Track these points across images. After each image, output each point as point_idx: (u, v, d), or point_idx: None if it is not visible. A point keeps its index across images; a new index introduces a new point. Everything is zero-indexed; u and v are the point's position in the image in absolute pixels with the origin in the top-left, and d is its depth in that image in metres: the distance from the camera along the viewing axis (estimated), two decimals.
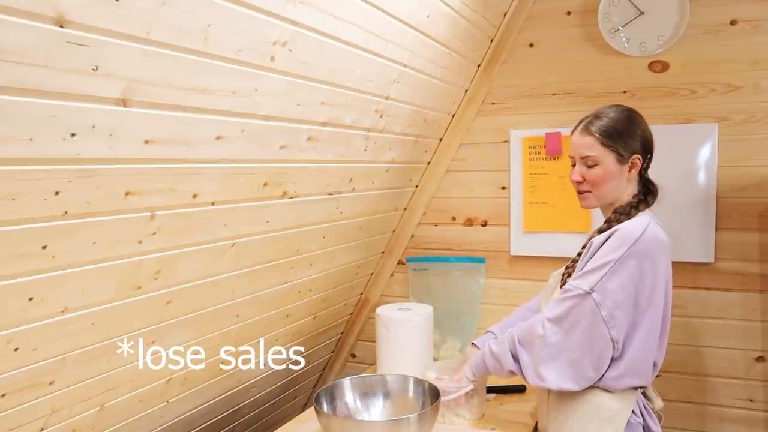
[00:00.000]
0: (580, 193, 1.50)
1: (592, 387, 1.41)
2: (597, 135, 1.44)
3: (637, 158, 1.45)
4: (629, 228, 1.38)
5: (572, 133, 1.51)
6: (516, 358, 1.46)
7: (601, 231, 1.47)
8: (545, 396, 1.52)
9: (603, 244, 1.40)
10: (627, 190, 1.47)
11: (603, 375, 1.39)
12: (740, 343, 1.99)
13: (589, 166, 1.45)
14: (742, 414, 2.01)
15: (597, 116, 1.47)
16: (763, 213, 1.94)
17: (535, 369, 1.42)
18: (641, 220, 1.42)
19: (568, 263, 1.55)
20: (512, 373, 1.48)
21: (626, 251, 1.35)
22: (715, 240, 1.97)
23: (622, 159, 1.44)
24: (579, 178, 1.47)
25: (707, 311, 2.02)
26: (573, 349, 1.37)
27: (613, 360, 1.38)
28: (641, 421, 1.43)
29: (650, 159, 1.49)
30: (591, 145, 1.45)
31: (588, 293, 1.36)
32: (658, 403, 1.50)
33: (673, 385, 2.07)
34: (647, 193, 1.49)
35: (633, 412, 1.42)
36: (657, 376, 1.49)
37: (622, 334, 1.36)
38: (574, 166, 1.50)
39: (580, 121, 1.50)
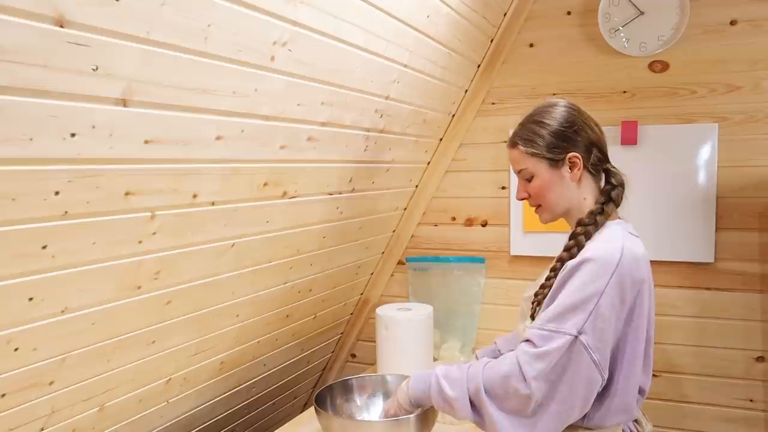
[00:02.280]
0: (534, 208, 1.37)
1: (574, 426, 1.24)
2: (521, 147, 1.32)
3: (574, 157, 1.29)
4: (605, 251, 1.20)
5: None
6: (478, 410, 1.22)
7: (568, 249, 1.29)
8: None
9: (576, 271, 1.20)
10: (580, 193, 1.32)
11: (586, 414, 1.22)
12: (740, 343, 1.99)
13: (528, 180, 1.33)
14: (742, 414, 2.01)
15: (521, 124, 1.35)
16: (763, 213, 1.94)
17: (513, 429, 1.19)
18: (614, 237, 1.24)
19: (537, 289, 1.36)
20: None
21: (608, 281, 1.17)
22: (715, 240, 1.97)
23: (555, 163, 1.29)
24: (523, 195, 1.36)
25: (707, 311, 2.02)
26: (562, 401, 1.18)
27: (597, 395, 1.21)
28: None
29: (599, 149, 1.32)
30: (519, 158, 1.33)
31: (575, 337, 1.16)
32: (648, 428, 1.37)
33: (673, 385, 2.07)
34: (611, 189, 1.32)
35: None
36: (646, 392, 1.34)
37: (608, 370, 1.20)
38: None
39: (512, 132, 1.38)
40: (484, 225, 2.29)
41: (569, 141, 1.29)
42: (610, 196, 1.31)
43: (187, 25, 1.03)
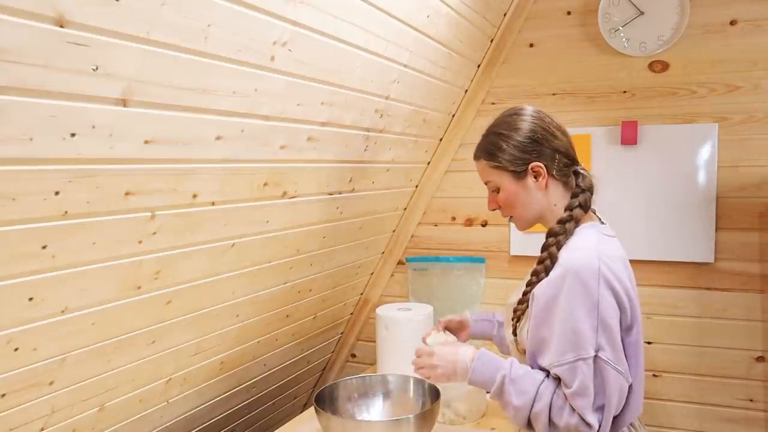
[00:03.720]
0: (508, 219, 1.35)
1: None
2: (483, 159, 1.31)
3: (537, 166, 1.26)
4: (582, 260, 1.17)
5: None
6: (533, 426, 1.22)
7: (541, 261, 1.26)
8: None
9: (561, 288, 1.17)
10: (549, 199, 1.29)
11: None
12: (740, 343, 1.99)
13: (496, 192, 1.32)
14: (742, 414, 2.01)
15: (484, 135, 1.33)
16: (763, 213, 1.94)
17: None
18: (587, 244, 1.21)
19: (516, 304, 1.33)
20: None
21: (598, 289, 1.15)
22: (715, 240, 1.97)
23: (518, 174, 1.27)
24: (493, 206, 1.34)
25: (707, 311, 2.02)
26: (608, 416, 1.17)
27: None
28: None
29: (565, 155, 1.29)
30: (483, 170, 1.32)
31: (595, 356, 1.15)
32: (643, 431, 1.36)
33: (673, 385, 2.07)
34: (579, 193, 1.28)
35: None
36: None
37: (630, 374, 1.20)
38: None
39: None
40: (484, 225, 2.29)
41: (530, 152, 1.27)
42: (578, 201, 1.28)
43: (187, 25, 1.03)
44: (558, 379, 1.19)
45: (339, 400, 1.63)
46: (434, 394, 1.57)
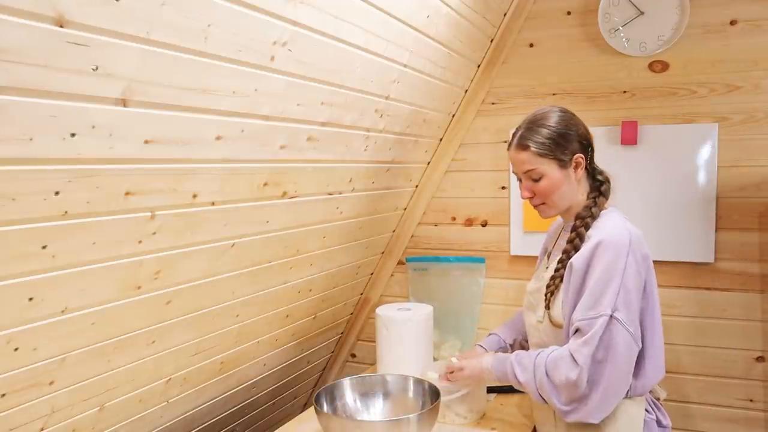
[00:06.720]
0: (535, 206, 1.47)
1: None
2: (533, 149, 1.41)
3: (579, 158, 1.42)
4: (614, 235, 1.34)
5: (508, 148, 1.47)
6: (543, 396, 1.37)
7: (571, 240, 1.41)
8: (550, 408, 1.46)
9: (589, 263, 1.34)
10: (578, 190, 1.45)
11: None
12: (740, 343, 1.99)
13: (535, 180, 1.42)
14: (742, 414, 2.01)
15: (528, 128, 1.43)
16: (763, 213, 1.94)
17: (569, 411, 1.34)
18: (615, 222, 1.38)
19: (548, 281, 1.46)
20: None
21: (626, 258, 1.32)
22: (715, 240, 1.97)
23: (564, 164, 1.41)
24: (529, 194, 1.45)
25: (707, 311, 2.02)
26: (609, 376, 1.31)
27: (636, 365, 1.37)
28: (654, 416, 1.43)
29: (592, 151, 1.47)
30: (529, 160, 1.42)
31: (611, 316, 1.30)
32: (663, 395, 1.50)
33: (673, 385, 2.07)
34: (600, 184, 1.46)
35: (646, 409, 1.41)
36: None
37: (641, 340, 1.35)
38: (520, 181, 1.47)
39: (513, 135, 1.46)
40: (484, 225, 2.29)
41: (574, 144, 1.42)
42: (600, 190, 1.46)
43: (187, 25, 1.04)
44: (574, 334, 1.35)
45: (339, 400, 1.64)
46: (434, 394, 1.58)
